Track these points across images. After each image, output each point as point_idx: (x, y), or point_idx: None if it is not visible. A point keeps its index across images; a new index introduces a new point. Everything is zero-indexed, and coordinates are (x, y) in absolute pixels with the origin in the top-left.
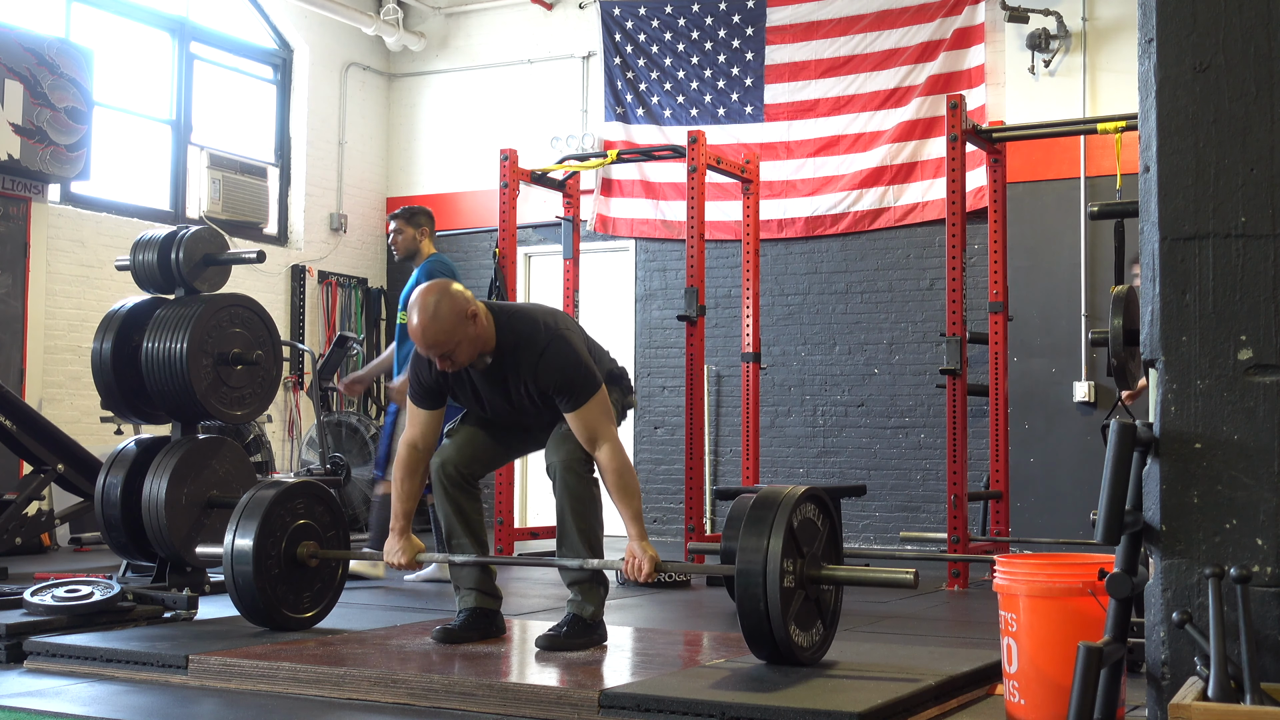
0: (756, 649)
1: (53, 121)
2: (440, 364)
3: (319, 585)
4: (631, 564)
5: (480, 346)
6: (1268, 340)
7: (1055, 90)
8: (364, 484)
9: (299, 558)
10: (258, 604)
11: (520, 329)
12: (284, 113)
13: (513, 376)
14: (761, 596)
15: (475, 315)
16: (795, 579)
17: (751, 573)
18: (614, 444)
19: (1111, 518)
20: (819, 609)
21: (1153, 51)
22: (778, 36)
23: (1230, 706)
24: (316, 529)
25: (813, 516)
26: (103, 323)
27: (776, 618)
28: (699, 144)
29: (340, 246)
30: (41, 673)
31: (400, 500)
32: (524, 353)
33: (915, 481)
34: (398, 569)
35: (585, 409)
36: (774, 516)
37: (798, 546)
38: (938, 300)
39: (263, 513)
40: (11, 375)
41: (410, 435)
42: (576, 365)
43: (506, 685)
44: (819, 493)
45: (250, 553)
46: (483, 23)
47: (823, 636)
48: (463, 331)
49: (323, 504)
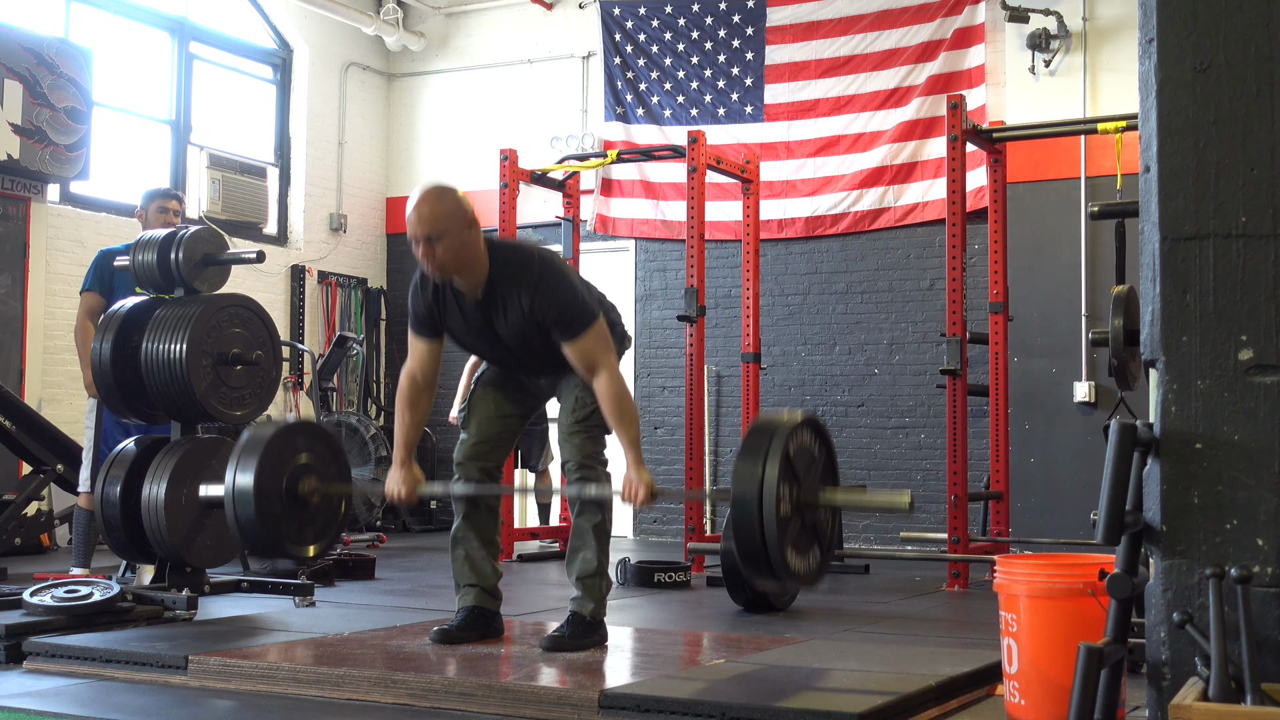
0: (753, 575)
1: (52, 121)
2: (422, 255)
3: (321, 522)
4: (629, 489)
5: (467, 260)
6: (1268, 340)
7: (1055, 90)
8: (365, 484)
9: (301, 494)
10: (260, 537)
11: (514, 260)
12: (284, 113)
13: (505, 307)
14: (757, 522)
15: (474, 225)
16: (791, 504)
17: (747, 498)
18: (613, 371)
19: (1112, 518)
20: (816, 535)
21: (1153, 51)
22: (778, 36)
23: (1231, 707)
24: (318, 467)
25: (809, 444)
26: (102, 323)
27: (773, 543)
28: (699, 144)
29: (340, 246)
30: (41, 673)
31: (401, 432)
32: (518, 283)
33: (915, 481)
34: (398, 502)
35: (584, 339)
36: (770, 443)
37: (794, 472)
38: (938, 300)
39: (262, 449)
40: (11, 375)
41: (409, 367)
42: (572, 295)
43: (506, 686)
44: (816, 420)
45: (251, 488)
46: (483, 23)
47: (820, 563)
48: (456, 227)
49: (324, 443)
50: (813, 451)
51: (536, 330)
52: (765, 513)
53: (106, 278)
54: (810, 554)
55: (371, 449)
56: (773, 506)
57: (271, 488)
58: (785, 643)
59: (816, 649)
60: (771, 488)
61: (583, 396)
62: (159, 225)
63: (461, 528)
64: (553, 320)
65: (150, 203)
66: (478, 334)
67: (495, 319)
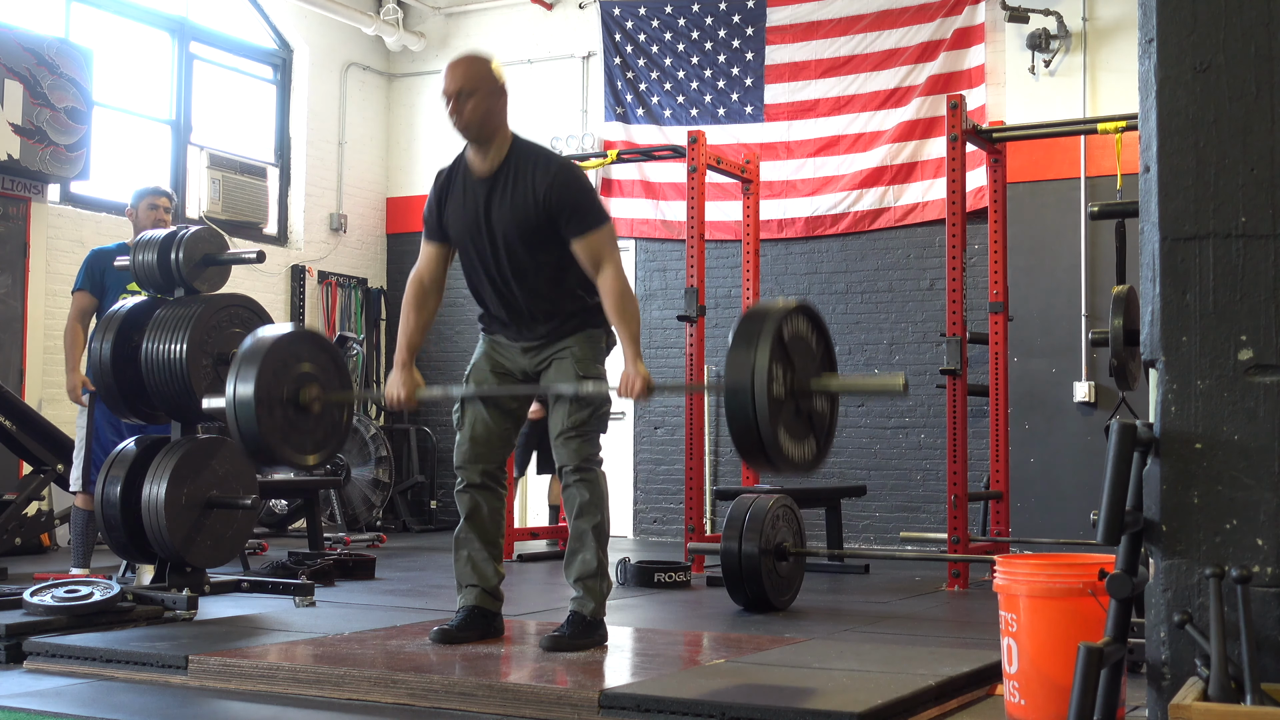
0: (748, 458)
1: (52, 121)
2: (451, 111)
3: (323, 431)
4: (626, 383)
5: (492, 126)
6: (1268, 340)
7: (1055, 90)
8: (364, 484)
9: (302, 402)
10: (261, 444)
11: (539, 150)
12: (284, 113)
13: (513, 186)
14: (750, 404)
15: (503, 94)
16: (785, 388)
17: (740, 383)
18: (618, 268)
19: (1112, 518)
20: (811, 423)
21: (1153, 51)
22: (778, 36)
23: (1231, 707)
24: (318, 375)
25: (805, 332)
26: (102, 323)
27: (765, 425)
28: (699, 144)
29: (340, 246)
30: (41, 673)
31: (404, 334)
32: (537, 166)
33: (915, 481)
34: (396, 404)
35: (594, 235)
36: (762, 328)
37: (788, 356)
38: (938, 300)
39: (262, 356)
40: (11, 375)
41: (417, 269)
42: (588, 192)
43: (506, 685)
44: (810, 306)
45: (251, 396)
46: (483, 23)
47: (816, 452)
48: (486, 89)
49: (325, 352)
50: (807, 338)
51: (535, 222)
52: (758, 395)
53: (98, 277)
54: (806, 441)
55: (371, 449)
56: (764, 389)
57: (272, 394)
58: (785, 643)
59: (816, 649)
60: (763, 370)
61: (576, 402)
62: (149, 223)
63: (464, 529)
64: (568, 210)
65: (140, 201)
66: (470, 221)
67: (496, 200)
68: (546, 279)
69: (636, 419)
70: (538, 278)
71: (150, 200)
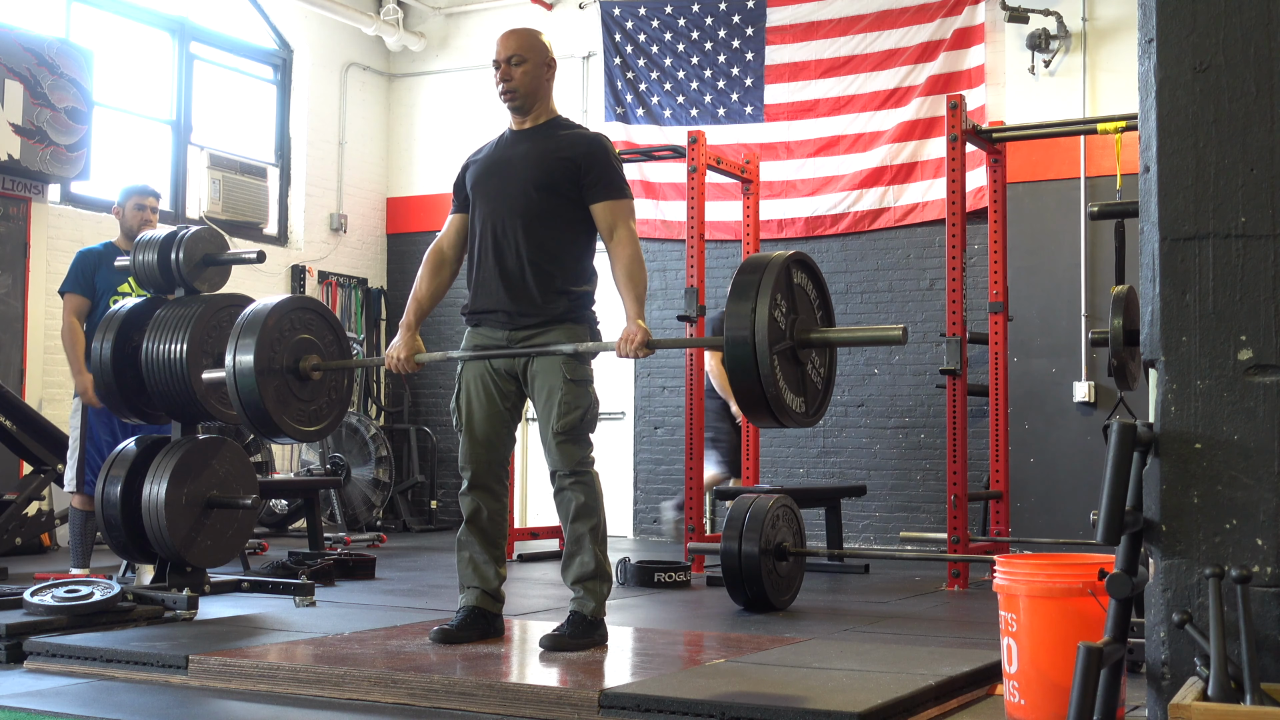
0: (751, 413)
1: (53, 121)
2: (500, 77)
3: (324, 400)
4: (627, 337)
5: (538, 95)
6: (1268, 340)
7: (1055, 90)
8: (364, 484)
9: (302, 371)
10: (263, 415)
11: (576, 125)
12: (284, 113)
13: (547, 138)
14: (752, 360)
15: (552, 67)
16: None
17: (740, 336)
18: (632, 234)
19: (1112, 518)
20: (811, 372)
21: (1153, 51)
22: (778, 37)
23: (1230, 707)
24: (318, 344)
25: (803, 283)
26: (102, 323)
27: (768, 377)
28: (699, 144)
29: (340, 247)
30: (41, 673)
31: (414, 297)
32: (573, 134)
33: (915, 481)
34: (397, 366)
35: (616, 204)
36: (760, 280)
37: (785, 308)
38: (938, 300)
39: (260, 326)
40: (11, 375)
41: (438, 239)
42: (619, 167)
43: (506, 685)
44: (805, 257)
45: (251, 366)
46: (483, 23)
47: (818, 402)
48: (537, 59)
49: (323, 320)
50: (804, 288)
51: (559, 172)
52: (759, 350)
53: (88, 277)
54: (807, 392)
55: (371, 449)
56: (765, 343)
57: (272, 363)
58: (785, 643)
59: (816, 649)
60: (764, 324)
61: (566, 400)
62: (135, 222)
63: (465, 531)
64: (597, 171)
65: (128, 199)
66: (493, 161)
67: (525, 145)
68: (549, 234)
69: (636, 419)
70: (542, 229)
71: (137, 200)
